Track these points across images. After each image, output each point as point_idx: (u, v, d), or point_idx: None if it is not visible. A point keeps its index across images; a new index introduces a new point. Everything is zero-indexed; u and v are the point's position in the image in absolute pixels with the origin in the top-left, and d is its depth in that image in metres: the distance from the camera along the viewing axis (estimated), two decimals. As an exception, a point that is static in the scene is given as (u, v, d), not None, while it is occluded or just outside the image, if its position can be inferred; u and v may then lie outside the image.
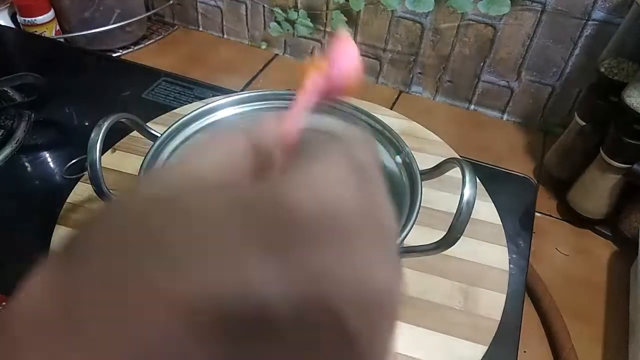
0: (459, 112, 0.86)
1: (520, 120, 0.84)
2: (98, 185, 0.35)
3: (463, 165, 0.34)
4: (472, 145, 0.78)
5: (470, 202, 0.32)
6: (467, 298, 0.44)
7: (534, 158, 0.78)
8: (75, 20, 0.86)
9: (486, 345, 0.40)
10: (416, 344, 0.40)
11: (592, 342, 0.55)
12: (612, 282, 0.61)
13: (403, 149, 0.41)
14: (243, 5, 0.91)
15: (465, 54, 0.80)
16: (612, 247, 0.65)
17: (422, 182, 0.38)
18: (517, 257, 0.49)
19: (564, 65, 0.75)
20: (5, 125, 0.56)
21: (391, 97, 0.87)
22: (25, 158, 0.56)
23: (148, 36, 0.95)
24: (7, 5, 0.84)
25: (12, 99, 0.60)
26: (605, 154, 0.60)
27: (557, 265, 0.63)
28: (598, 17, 0.69)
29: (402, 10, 0.79)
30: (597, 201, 0.64)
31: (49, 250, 0.45)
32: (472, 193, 0.32)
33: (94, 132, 0.35)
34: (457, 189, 0.33)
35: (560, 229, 0.67)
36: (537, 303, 0.58)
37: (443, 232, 0.32)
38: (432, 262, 0.45)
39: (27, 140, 0.56)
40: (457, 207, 0.32)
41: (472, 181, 0.33)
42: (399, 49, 0.84)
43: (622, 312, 0.57)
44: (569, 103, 0.79)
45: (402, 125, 0.59)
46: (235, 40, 0.96)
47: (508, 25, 0.75)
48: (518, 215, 0.53)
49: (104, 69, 0.72)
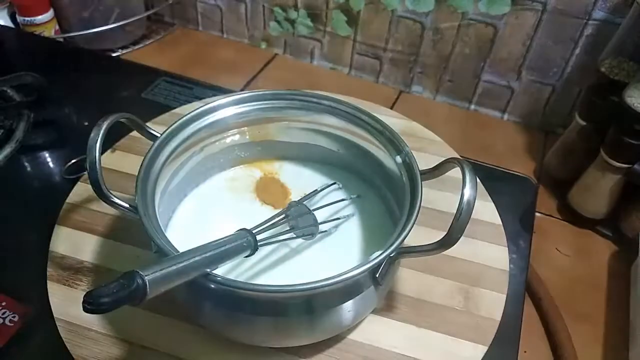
0: (459, 111, 0.86)
1: (520, 120, 0.84)
2: (97, 185, 0.35)
3: (463, 165, 0.33)
4: (472, 145, 0.78)
5: (471, 202, 0.32)
6: (467, 298, 0.44)
7: (534, 158, 0.78)
8: (74, 19, 0.86)
9: (486, 346, 0.40)
10: (417, 343, 0.40)
11: (593, 342, 0.55)
12: (612, 282, 0.61)
13: (403, 148, 0.41)
14: (243, 4, 0.90)
15: (466, 53, 0.80)
16: (612, 247, 0.65)
17: (422, 182, 0.38)
18: (518, 257, 0.49)
19: (565, 65, 0.75)
20: (5, 125, 0.56)
21: (391, 96, 0.87)
22: (24, 158, 0.56)
23: (147, 36, 0.95)
24: (6, 4, 0.84)
25: (12, 99, 0.60)
26: (606, 154, 0.60)
27: (558, 266, 0.63)
28: (598, 17, 0.69)
29: (403, 9, 0.79)
30: (598, 201, 0.64)
31: (49, 250, 0.45)
32: (473, 193, 0.32)
33: (94, 132, 0.35)
34: (457, 189, 0.33)
35: (561, 229, 0.67)
36: (537, 303, 0.58)
37: (443, 232, 0.32)
38: (432, 263, 0.45)
39: (27, 140, 0.56)
40: (457, 207, 0.32)
41: (472, 181, 0.32)
42: (399, 49, 0.84)
43: (623, 312, 0.57)
44: (569, 103, 0.78)
45: (403, 125, 0.59)
46: (235, 40, 0.96)
47: (509, 24, 0.74)
48: (518, 216, 0.53)
49: (103, 69, 0.72)
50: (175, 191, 0.44)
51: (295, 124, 0.47)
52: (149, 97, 0.65)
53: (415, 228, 0.35)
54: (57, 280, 0.43)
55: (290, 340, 0.38)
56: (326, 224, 0.44)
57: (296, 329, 0.37)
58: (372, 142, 0.44)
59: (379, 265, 0.34)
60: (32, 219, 0.50)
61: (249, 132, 0.47)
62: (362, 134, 0.44)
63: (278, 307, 0.35)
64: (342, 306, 0.35)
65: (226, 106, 0.44)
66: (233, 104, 0.45)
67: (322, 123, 0.46)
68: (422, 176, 0.38)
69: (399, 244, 0.34)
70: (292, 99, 0.45)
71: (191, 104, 0.61)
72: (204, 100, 0.61)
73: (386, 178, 0.44)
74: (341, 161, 0.49)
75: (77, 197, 0.49)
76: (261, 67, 0.91)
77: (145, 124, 0.42)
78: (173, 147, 0.41)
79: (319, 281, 0.31)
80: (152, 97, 0.65)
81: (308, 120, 0.46)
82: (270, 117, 0.46)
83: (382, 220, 0.46)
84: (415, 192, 0.37)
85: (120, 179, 0.49)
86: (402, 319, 0.42)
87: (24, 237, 0.48)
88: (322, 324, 0.36)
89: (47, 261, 0.44)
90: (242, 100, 0.45)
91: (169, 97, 0.65)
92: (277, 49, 0.94)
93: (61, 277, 0.43)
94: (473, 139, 0.80)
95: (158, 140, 0.40)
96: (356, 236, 0.45)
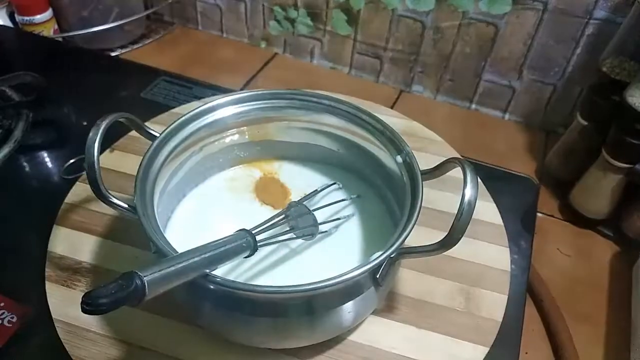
0: (460, 111, 0.85)
1: (521, 120, 0.83)
2: (96, 185, 0.35)
3: (464, 165, 0.33)
4: (473, 144, 0.78)
5: (472, 203, 0.31)
6: (468, 299, 0.43)
7: (535, 158, 0.77)
8: (73, 19, 0.86)
9: (487, 347, 0.40)
10: (417, 345, 0.40)
11: (594, 343, 0.55)
12: (614, 283, 0.61)
13: (404, 148, 0.40)
14: (242, 4, 0.90)
15: (467, 53, 0.80)
16: (614, 248, 0.65)
17: (423, 182, 0.38)
18: (519, 257, 0.49)
19: (566, 64, 0.75)
20: (4, 124, 0.56)
21: (392, 96, 0.87)
22: (23, 158, 0.56)
23: (147, 35, 0.95)
24: (5, 4, 0.83)
25: (11, 99, 0.59)
26: (607, 153, 0.60)
27: (559, 266, 0.62)
28: (600, 16, 0.69)
29: (403, 8, 0.79)
30: (599, 201, 0.64)
31: (47, 250, 0.45)
32: (474, 193, 0.32)
33: (92, 131, 0.35)
34: (458, 189, 0.32)
35: (562, 230, 0.67)
36: (538, 304, 0.57)
37: (444, 232, 0.32)
38: (433, 263, 0.45)
39: (26, 140, 0.55)
40: (458, 208, 0.31)
41: (473, 181, 0.32)
42: (399, 48, 0.84)
43: (624, 313, 0.57)
44: (570, 102, 0.78)
45: (403, 124, 0.59)
46: (235, 39, 0.96)
47: (509, 24, 0.74)
48: (519, 216, 0.53)
49: (102, 68, 0.72)
50: (174, 191, 0.44)
51: (295, 124, 0.47)
52: (148, 96, 0.65)
53: (416, 228, 0.35)
54: (56, 280, 0.43)
55: (290, 342, 0.38)
56: (326, 224, 0.44)
57: (296, 330, 0.36)
58: (372, 141, 0.44)
59: (379, 266, 0.34)
60: (30, 219, 0.49)
61: (248, 131, 0.47)
62: (362, 134, 0.44)
63: (277, 308, 0.35)
64: (342, 307, 0.35)
65: (225, 106, 0.44)
66: (232, 103, 0.45)
67: (322, 123, 0.46)
68: (423, 176, 0.38)
69: (400, 245, 0.34)
70: (292, 99, 0.45)
71: (190, 104, 0.61)
72: (203, 100, 0.61)
73: (387, 178, 0.44)
74: (341, 161, 0.49)
75: (75, 197, 0.49)
76: (261, 67, 0.91)
77: (144, 124, 0.41)
78: (172, 147, 0.41)
79: (318, 282, 0.31)
80: (151, 97, 0.65)
81: (308, 119, 0.46)
82: (269, 117, 0.46)
83: (383, 220, 0.46)
84: (415, 192, 0.37)
85: (119, 178, 0.49)
86: (402, 320, 0.42)
87: (23, 237, 0.48)
88: (322, 325, 0.36)
89: (45, 261, 0.44)
90: (241, 99, 0.45)
91: (168, 96, 0.65)
92: (277, 49, 0.94)
93: (60, 277, 0.43)
94: (474, 139, 0.79)
95: (157, 140, 0.40)
96: (356, 236, 0.45)
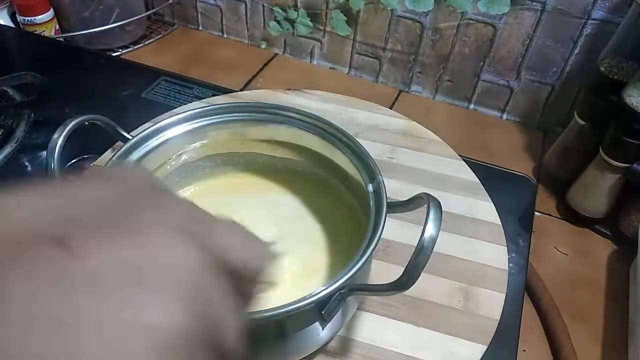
0: (458, 111, 0.86)
1: (519, 120, 0.84)
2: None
3: (429, 201, 0.31)
4: (471, 144, 0.78)
5: (432, 241, 0.29)
6: (466, 298, 0.44)
7: (533, 157, 0.78)
8: (74, 19, 0.86)
9: (485, 345, 0.41)
10: (415, 343, 0.40)
11: (592, 341, 0.55)
12: (611, 281, 0.61)
13: (376, 177, 0.38)
14: (243, 4, 0.90)
15: (465, 53, 0.80)
16: (611, 247, 0.65)
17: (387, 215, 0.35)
18: (517, 256, 0.49)
19: (564, 64, 0.75)
20: (5, 124, 0.56)
21: (391, 96, 0.87)
22: (25, 158, 0.56)
23: (148, 35, 0.95)
24: (6, 4, 0.84)
25: (12, 99, 0.60)
26: (605, 153, 0.60)
27: (557, 265, 0.63)
28: (598, 17, 0.69)
29: (402, 9, 0.79)
30: (597, 200, 0.64)
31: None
32: (435, 232, 0.29)
33: (56, 133, 0.33)
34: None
35: (560, 228, 0.67)
36: (536, 302, 0.58)
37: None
38: (431, 262, 0.44)
39: (27, 140, 0.56)
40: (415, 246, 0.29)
41: (437, 219, 0.30)
42: (398, 48, 0.84)
43: (622, 312, 0.57)
44: (568, 102, 0.78)
45: (402, 124, 0.59)
46: (235, 40, 0.96)
47: (508, 24, 0.75)
48: (517, 215, 0.53)
49: (103, 68, 0.72)
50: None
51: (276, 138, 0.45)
52: (149, 96, 0.65)
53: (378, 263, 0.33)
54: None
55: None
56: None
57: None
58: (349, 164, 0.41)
59: (325, 301, 0.31)
60: (32, 219, 0.49)
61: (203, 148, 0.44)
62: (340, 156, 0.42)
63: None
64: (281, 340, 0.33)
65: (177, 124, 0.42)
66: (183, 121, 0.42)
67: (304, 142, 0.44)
68: (394, 208, 0.36)
69: (347, 280, 0.31)
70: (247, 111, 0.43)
71: (191, 104, 0.61)
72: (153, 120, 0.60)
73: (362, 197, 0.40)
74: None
75: (77, 197, 0.49)
76: (261, 67, 0.91)
77: (118, 127, 0.40)
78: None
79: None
80: (152, 97, 0.65)
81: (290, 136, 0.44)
82: (238, 132, 0.44)
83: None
84: (377, 226, 0.34)
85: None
86: (401, 319, 0.42)
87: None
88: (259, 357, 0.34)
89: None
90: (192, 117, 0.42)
91: (169, 96, 0.65)
92: (276, 49, 0.94)
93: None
94: (472, 139, 0.80)
95: (129, 142, 0.39)
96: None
